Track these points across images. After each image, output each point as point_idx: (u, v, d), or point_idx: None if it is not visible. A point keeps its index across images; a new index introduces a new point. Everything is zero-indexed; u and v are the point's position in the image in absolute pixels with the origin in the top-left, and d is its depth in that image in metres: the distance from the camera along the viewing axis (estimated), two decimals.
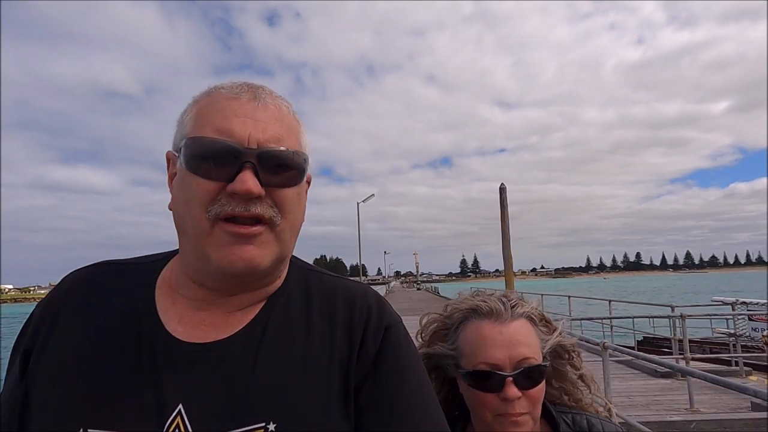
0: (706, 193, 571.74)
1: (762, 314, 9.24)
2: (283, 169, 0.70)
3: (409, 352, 0.77)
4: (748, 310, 9.96)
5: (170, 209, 0.74)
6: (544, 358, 1.05)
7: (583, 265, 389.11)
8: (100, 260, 0.85)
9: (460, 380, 1.06)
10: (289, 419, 0.66)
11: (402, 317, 0.83)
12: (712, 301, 12.96)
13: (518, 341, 1.01)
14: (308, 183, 0.81)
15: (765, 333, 8.49)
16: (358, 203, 34.34)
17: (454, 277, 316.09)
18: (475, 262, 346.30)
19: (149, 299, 0.75)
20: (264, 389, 0.68)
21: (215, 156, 0.67)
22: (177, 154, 0.73)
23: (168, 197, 0.77)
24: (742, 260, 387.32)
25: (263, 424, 0.65)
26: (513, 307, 1.06)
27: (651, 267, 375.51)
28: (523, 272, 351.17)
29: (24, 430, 0.69)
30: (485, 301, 1.07)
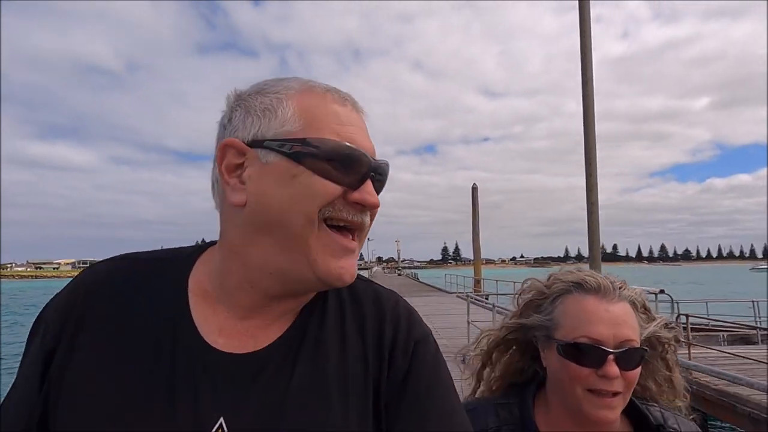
0: (684, 188, 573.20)
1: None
2: (384, 179, 0.73)
3: (437, 368, 0.75)
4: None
5: (237, 204, 0.67)
6: (642, 342, 1.01)
7: (562, 255, 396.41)
8: (118, 254, 0.79)
9: (550, 351, 1.03)
10: None
11: None
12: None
13: (624, 321, 0.98)
14: None
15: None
16: None
17: (434, 264, 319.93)
18: (456, 249, 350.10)
19: (183, 305, 0.71)
20: (301, 402, 0.67)
21: (345, 161, 0.66)
22: (261, 146, 0.67)
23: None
24: (714, 254, 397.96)
25: None
26: (620, 288, 1.04)
27: (627, 259, 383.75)
28: (503, 261, 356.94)
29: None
30: (593, 276, 1.05)
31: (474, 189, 19.47)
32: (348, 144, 0.67)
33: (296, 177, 0.66)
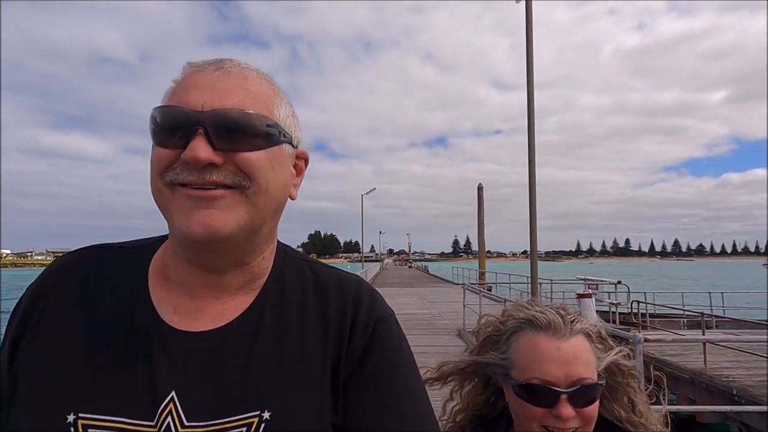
0: (699, 182, 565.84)
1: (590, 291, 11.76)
2: (243, 134, 0.65)
3: (399, 347, 0.76)
4: (589, 289, 12.96)
5: None
6: (599, 376, 1.00)
7: (573, 249, 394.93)
8: (91, 244, 0.82)
9: (508, 390, 1.03)
10: (283, 408, 0.66)
11: (396, 290, 2.25)
12: (577, 278, 16.67)
13: (576, 359, 0.97)
14: (304, 161, 0.79)
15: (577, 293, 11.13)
16: (362, 195, 37.98)
17: (445, 257, 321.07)
18: (468, 242, 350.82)
19: (143, 288, 0.73)
20: (258, 379, 0.67)
21: (169, 124, 0.65)
22: None
23: None
24: (729, 250, 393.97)
25: (258, 413, 0.65)
26: (572, 322, 1.01)
27: (639, 253, 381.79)
28: (514, 254, 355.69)
29: (12, 416, 0.67)
30: (543, 313, 1.03)
31: (480, 188, 21.19)
32: (168, 105, 0.66)
33: (151, 152, 0.67)
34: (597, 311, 10.82)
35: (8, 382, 0.70)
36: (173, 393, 0.65)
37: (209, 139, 0.64)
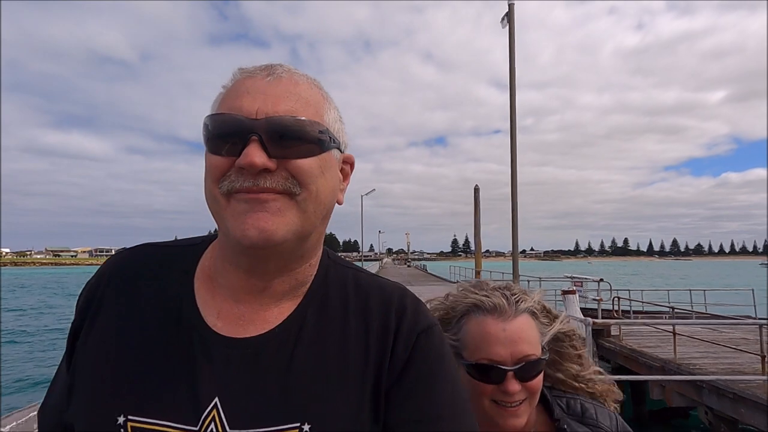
0: (699, 182, 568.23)
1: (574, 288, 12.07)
2: (296, 140, 0.66)
3: (441, 358, 0.76)
4: (574, 286, 13.47)
5: None
6: (542, 349, 1.08)
7: (572, 249, 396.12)
8: (141, 243, 0.85)
9: (462, 371, 1.07)
10: (324, 421, 0.66)
11: None
12: (564, 276, 17.53)
13: (520, 338, 1.04)
14: (350, 165, 0.80)
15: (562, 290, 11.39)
16: (362, 196, 38.72)
17: (444, 256, 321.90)
18: (467, 241, 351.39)
19: (189, 290, 0.75)
20: (299, 389, 0.68)
21: (223, 131, 0.66)
22: None
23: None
24: (728, 249, 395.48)
25: (298, 425, 0.66)
26: (517, 302, 1.08)
27: (638, 253, 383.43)
28: None
29: (66, 413, 0.72)
30: (488, 296, 1.09)
31: (476, 190, 21.82)
32: (223, 113, 0.67)
33: (206, 160, 0.69)
34: (582, 308, 11.49)
35: (69, 376, 0.74)
36: (216, 399, 0.66)
37: (263, 146, 0.65)
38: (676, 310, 11.30)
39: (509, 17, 11.65)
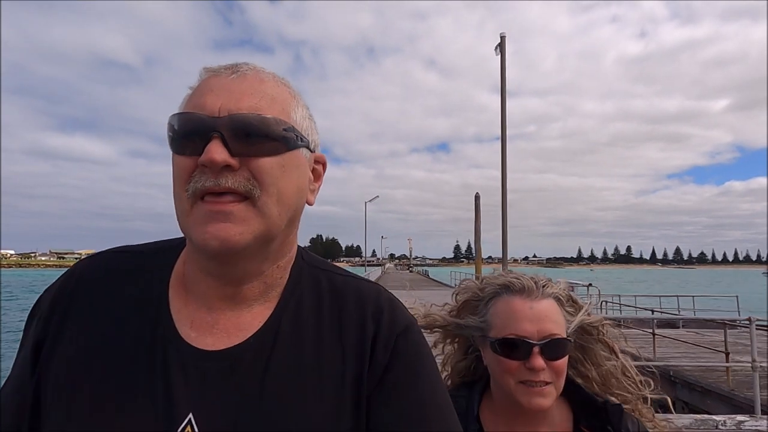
0: (702, 190, 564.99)
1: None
2: (259, 138, 0.65)
3: (420, 356, 0.75)
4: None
5: None
6: (568, 336, 1.10)
7: (575, 256, 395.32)
8: (110, 247, 0.81)
9: (486, 349, 1.12)
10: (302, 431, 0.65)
11: (393, 291, 0.83)
12: (557, 281, 18.08)
13: (546, 317, 1.07)
14: (322, 165, 0.79)
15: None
16: (365, 203, 39.52)
17: (446, 262, 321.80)
18: (469, 247, 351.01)
19: (163, 299, 0.73)
20: (275, 402, 0.66)
21: (186, 130, 0.65)
22: None
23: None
24: (731, 258, 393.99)
25: None
26: (543, 286, 1.12)
27: (640, 261, 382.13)
28: (515, 260, 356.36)
29: (37, 429, 0.68)
30: (518, 279, 1.13)
31: (477, 198, 22.64)
32: (185, 111, 0.66)
33: (172, 162, 0.68)
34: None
35: (32, 387, 0.70)
36: (191, 415, 0.65)
37: (225, 143, 0.64)
38: (655, 313, 12.02)
39: (501, 48, 12.45)
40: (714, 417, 4.77)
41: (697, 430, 4.43)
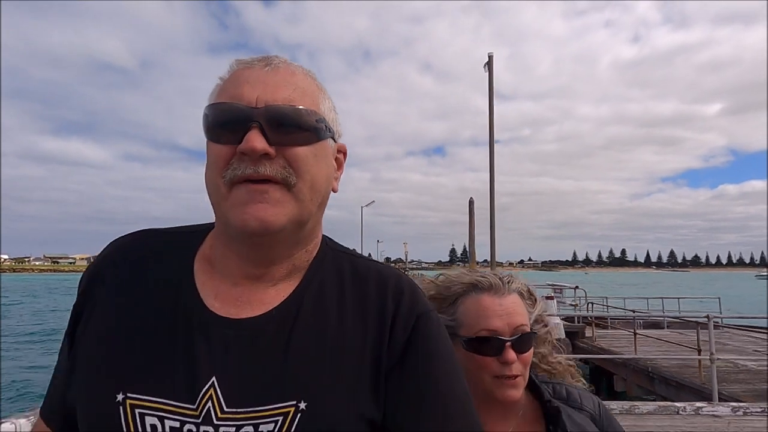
0: (696, 193, 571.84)
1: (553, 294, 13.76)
2: (294, 128, 0.69)
3: (439, 341, 0.76)
4: (554, 292, 15.02)
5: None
6: (531, 327, 1.15)
7: (570, 259, 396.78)
8: (144, 228, 0.86)
9: (458, 347, 1.09)
10: (321, 399, 0.67)
11: None
12: (546, 283, 18.92)
13: (514, 311, 1.12)
14: (344, 154, 0.82)
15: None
16: (362, 207, 39.93)
17: (442, 266, 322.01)
18: (464, 251, 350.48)
19: (188, 272, 0.77)
20: (296, 369, 0.68)
21: (225, 120, 0.68)
22: None
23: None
24: (725, 261, 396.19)
25: (294, 402, 0.66)
26: (509, 282, 1.17)
27: (635, 264, 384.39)
28: (511, 263, 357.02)
29: (68, 393, 0.73)
30: (485, 277, 1.17)
31: (471, 202, 23.11)
32: (224, 102, 0.69)
33: (207, 150, 0.71)
34: (562, 314, 12.70)
35: (69, 361, 0.75)
36: (214, 379, 0.67)
37: (263, 133, 0.67)
38: (636, 313, 12.55)
39: (489, 66, 12.95)
40: (675, 403, 5.19)
41: (659, 416, 4.85)
